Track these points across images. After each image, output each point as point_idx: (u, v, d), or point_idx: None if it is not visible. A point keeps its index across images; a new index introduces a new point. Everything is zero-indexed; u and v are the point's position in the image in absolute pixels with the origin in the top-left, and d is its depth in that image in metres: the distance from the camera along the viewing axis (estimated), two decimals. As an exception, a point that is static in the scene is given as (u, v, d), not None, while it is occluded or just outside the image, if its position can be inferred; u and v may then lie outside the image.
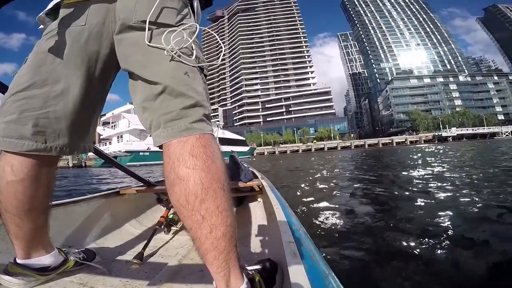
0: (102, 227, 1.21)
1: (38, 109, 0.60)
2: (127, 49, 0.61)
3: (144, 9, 0.59)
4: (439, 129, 61.38)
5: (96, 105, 0.71)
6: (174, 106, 0.56)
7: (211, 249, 0.49)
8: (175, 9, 0.63)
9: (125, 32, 0.61)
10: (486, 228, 1.71)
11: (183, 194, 0.50)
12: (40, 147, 0.62)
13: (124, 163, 19.73)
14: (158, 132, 0.56)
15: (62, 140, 0.65)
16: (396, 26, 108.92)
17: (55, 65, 0.61)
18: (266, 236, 1.05)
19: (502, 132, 55.10)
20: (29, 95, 0.60)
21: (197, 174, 0.50)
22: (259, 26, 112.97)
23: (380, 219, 2.05)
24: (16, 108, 0.60)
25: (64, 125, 0.64)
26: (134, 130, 25.40)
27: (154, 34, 0.59)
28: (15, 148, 0.60)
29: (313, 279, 0.40)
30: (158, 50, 0.58)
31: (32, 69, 0.61)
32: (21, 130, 0.60)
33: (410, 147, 32.61)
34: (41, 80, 0.60)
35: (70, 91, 0.62)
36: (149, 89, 0.58)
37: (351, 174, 5.83)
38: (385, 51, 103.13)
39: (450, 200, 2.49)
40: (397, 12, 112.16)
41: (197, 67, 0.62)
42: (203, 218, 0.49)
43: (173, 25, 0.61)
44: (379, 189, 3.38)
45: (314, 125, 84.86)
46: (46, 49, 0.61)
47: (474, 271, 1.21)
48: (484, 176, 3.92)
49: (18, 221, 0.65)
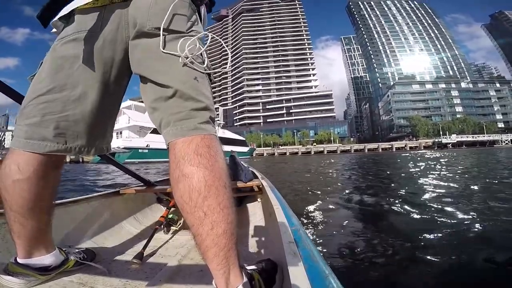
0: (102, 227, 1.21)
1: (58, 112, 0.63)
2: (140, 54, 0.64)
3: (158, 16, 0.61)
4: (439, 135, 61.38)
5: (112, 108, 0.74)
6: (184, 107, 0.59)
7: (212, 245, 0.51)
8: (186, 16, 0.66)
9: (140, 38, 0.63)
10: (486, 235, 1.71)
11: (187, 190, 0.52)
12: (61, 148, 0.65)
13: (123, 160, 19.84)
14: (167, 130, 0.59)
15: (81, 141, 0.68)
16: (400, 30, 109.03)
17: (73, 70, 0.63)
18: (266, 236, 1.05)
19: (502, 140, 55.07)
20: (50, 99, 0.62)
21: (201, 172, 0.52)
22: (263, 27, 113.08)
23: (381, 221, 2.05)
24: (38, 112, 0.62)
25: (82, 127, 0.67)
26: (134, 126, 25.41)
27: (167, 40, 0.62)
28: (38, 149, 0.62)
29: (313, 279, 0.41)
30: (171, 56, 0.60)
31: (51, 74, 0.63)
32: (43, 132, 0.62)
33: (409, 152, 32.62)
34: (60, 85, 0.63)
35: (87, 96, 0.65)
36: (160, 92, 0.61)
37: (353, 177, 5.82)
38: (388, 56, 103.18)
39: (452, 205, 2.48)
40: (402, 16, 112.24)
41: (206, 73, 0.65)
42: (205, 215, 0.51)
43: (184, 32, 0.64)
44: (381, 193, 3.39)
45: (314, 127, 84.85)
46: (63, 54, 0.64)
47: (472, 273, 1.21)
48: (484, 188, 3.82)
49: (22, 220, 0.65)
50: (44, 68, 0.65)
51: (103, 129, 0.74)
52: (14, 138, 0.64)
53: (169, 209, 1.35)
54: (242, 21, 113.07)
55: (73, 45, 0.64)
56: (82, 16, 0.65)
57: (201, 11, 0.76)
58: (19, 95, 0.74)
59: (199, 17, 0.73)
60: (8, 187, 0.63)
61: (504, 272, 1.23)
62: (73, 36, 0.64)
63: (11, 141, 0.65)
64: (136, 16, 0.63)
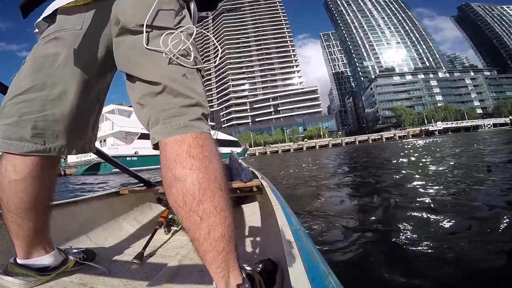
0: (102, 227, 1.22)
1: (36, 112, 0.61)
2: (125, 52, 0.62)
3: (142, 12, 0.59)
4: (424, 123, 63.11)
5: (94, 106, 0.72)
6: (174, 104, 0.56)
7: (210, 249, 0.49)
8: (173, 11, 0.64)
9: (124, 35, 0.61)
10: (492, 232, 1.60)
11: (181, 195, 0.50)
12: (40, 149, 0.63)
13: (110, 170, 17.75)
14: (156, 129, 0.56)
15: (60, 141, 0.66)
16: (377, 25, 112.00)
17: (53, 69, 0.62)
18: (266, 236, 1.04)
19: (485, 125, 57.57)
20: (28, 98, 0.61)
21: (194, 174, 0.50)
22: (245, 26, 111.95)
23: (381, 219, 1.98)
24: (16, 111, 0.61)
25: (62, 127, 0.65)
26: (119, 132, 23.01)
27: (152, 36, 0.59)
28: (15, 149, 0.61)
29: (313, 279, 0.40)
30: (156, 52, 0.58)
31: (32, 73, 0.62)
32: (20, 133, 0.61)
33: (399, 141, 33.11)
34: (40, 84, 0.61)
35: (67, 94, 0.63)
36: (148, 88, 0.58)
37: (350, 172, 5.64)
38: (368, 50, 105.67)
39: (454, 199, 2.35)
40: (377, 11, 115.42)
41: (195, 69, 0.62)
42: (201, 219, 0.49)
43: (172, 27, 0.62)
44: (379, 189, 3.21)
45: (302, 124, 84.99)
46: (44, 53, 0.62)
47: (479, 272, 1.17)
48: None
49: (19, 221, 0.65)
50: (25, 67, 0.63)
51: (84, 128, 0.72)
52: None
53: (169, 209, 1.33)
54: (224, 21, 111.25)
55: (54, 43, 0.63)
56: (64, 14, 0.64)
57: (191, 7, 0.74)
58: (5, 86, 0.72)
59: (189, 13, 0.71)
60: (5, 188, 0.63)
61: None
62: (54, 35, 0.63)
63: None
64: (119, 13, 0.61)
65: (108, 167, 18.89)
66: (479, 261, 1.22)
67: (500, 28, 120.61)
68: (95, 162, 20.04)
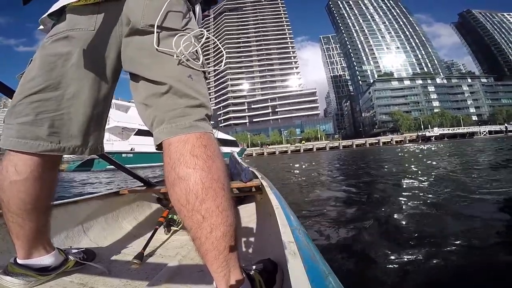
0: (102, 227, 1.22)
1: (53, 111, 0.62)
2: (133, 51, 0.62)
3: (152, 13, 0.60)
4: (420, 129, 63.43)
5: (105, 106, 0.73)
6: (179, 104, 0.57)
7: (211, 249, 0.49)
8: (181, 13, 0.64)
9: (133, 35, 0.62)
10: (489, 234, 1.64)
11: (184, 194, 0.50)
12: (55, 148, 0.63)
13: (103, 167, 17.34)
14: (160, 128, 0.57)
15: (75, 141, 0.66)
16: (378, 29, 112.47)
17: (66, 68, 0.62)
18: (266, 236, 1.03)
19: (481, 132, 57.94)
20: (44, 98, 0.61)
21: (198, 173, 0.50)
22: (246, 26, 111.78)
23: (382, 220, 1.99)
24: (31, 110, 0.60)
25: (76, 127, 0.65)
26: (115, 128, 22.47)
27: (161, 37, 0.60)
28: (30, 148, 0.61)
29: (313, 279, 0.40)
30: (165, 53, 0.59)
31: (44, 72, 0.61)
32: (36, 131, 0.61)
33: (396, 146, 33.26)
34: (54, 84, 0.61)
35: (81, 94, 0.64)
36: (154, 88, 0.59)
37: (348, 175, 5.70)
38: (367, 54, 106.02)
39: (451, 204, 2.37)
40: (379, 15, 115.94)
41: (200, 71, 0.63)
42: (204, 218, 0.49)
43: (179, 29, 0.62)
44: (379, 191, 3.30)
45: (300, 125, 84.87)
46: (55, 52, 0.62)
47: (475, 272, 1.20)
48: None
49: (20, 221, 0.65)
50: (34, 66, 0.63)
51: (97, 128, 0.73)
52: (3, 138, 0.62)
53: (169, 209, 1.34)
54: (225, 20, 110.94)
55: (64, 42, 0.62)
56: (74, 13, 0.63)
57: (196, 9, 0.75)
58: (11, 90, 0.71)
59: (194, 15, 0.72)
60: (6, 188, 0.63)
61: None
62: (64, 34, 0.62)
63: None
64: (130, 13, 0.61)
65: (102, 164, 18.51)
66: (474, 263, 1.24)
67: (499, 35, 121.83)
68: (88, 158, 19.64)
